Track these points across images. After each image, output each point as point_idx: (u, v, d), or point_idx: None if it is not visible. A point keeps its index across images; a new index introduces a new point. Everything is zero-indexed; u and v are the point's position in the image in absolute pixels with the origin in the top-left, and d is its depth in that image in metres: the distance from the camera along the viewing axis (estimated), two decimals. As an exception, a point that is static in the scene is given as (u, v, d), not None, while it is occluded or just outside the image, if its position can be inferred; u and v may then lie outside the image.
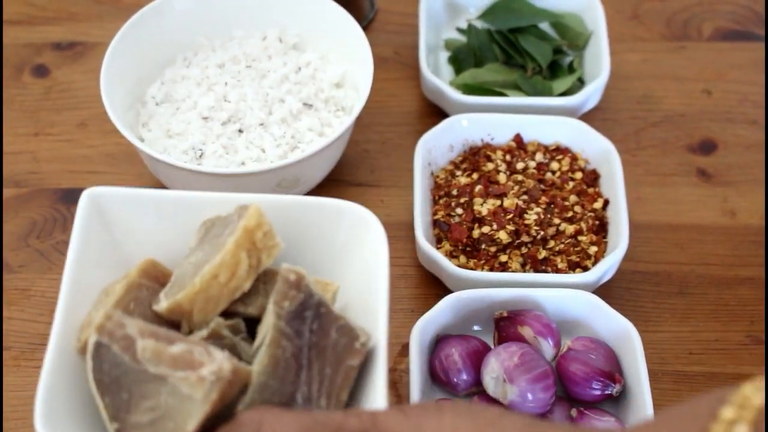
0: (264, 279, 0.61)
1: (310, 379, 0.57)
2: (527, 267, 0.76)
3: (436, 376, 0.72)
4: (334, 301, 0.63)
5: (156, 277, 0.62)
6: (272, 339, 0.56)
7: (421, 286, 0.80)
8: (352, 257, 0.63)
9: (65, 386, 0.57)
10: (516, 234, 0.76)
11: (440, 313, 0.72)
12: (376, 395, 0.56)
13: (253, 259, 0.59)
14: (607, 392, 0.70)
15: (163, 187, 0.83)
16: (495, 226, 0.76)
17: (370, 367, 0.59)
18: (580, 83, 0.89)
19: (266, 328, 0.57)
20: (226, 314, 0.60)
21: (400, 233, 0.82)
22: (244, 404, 0.55)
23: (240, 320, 0.60)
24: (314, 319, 0.57)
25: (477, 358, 0.71)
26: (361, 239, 0.63)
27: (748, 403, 0.44)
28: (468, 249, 0.77)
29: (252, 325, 0.60)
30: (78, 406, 0.57)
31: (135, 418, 0.55)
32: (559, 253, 0.76)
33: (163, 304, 0.59)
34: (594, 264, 0.76)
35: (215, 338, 0.58)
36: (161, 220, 0.64)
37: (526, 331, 0.71)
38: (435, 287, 0.78)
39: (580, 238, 0.77)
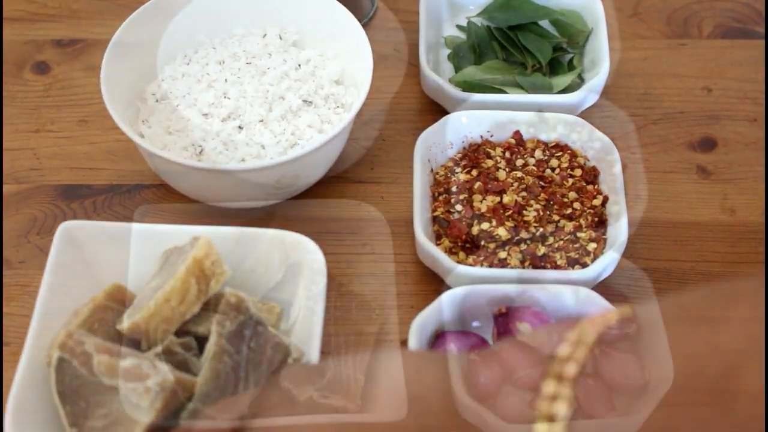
0: (214, 302, 0.67)
1: (247, 390, 0.63)
2: (526, 263, 0.76)
3: (435, 373, 0.72)
4: (280, 321, 0.69)
5: (121, 300, 0.69)
6: (214, 354, 0.63)
7: (420, 282, 0.80)
8: (295, 281, 0.70)
9: (34, 397, 0.63)
10: (515, 230, 0.76)
11: (439, 309, 0.72)
12: None
13: (202, 285, 0.66)
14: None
15: (163, 182, 0.83)
16: (494, 223, 0.76)
17: None
18: (580, 80, 0.89)
19: (210, 345, 0.64)
20: (180, 333, 0.66)
21: (399, 230, 0.82)
22: (189, 411, 0.62)
23: (191, 338, 0.67)
24: (252, 338, 0.64)
25: (476, 354, 0.71)
26: (302, 265, 0.69)
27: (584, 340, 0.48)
28: (467, 245, 0.77)
29: (202, 342, 0.66)
30: (45, 414, 0.63)
31: (91, 423, 0.62)
32: (559, 249, 0.76)
33: (124, 324, 0.66)
34: (593, 261, 0.76)
35: (169, 354, 0.64)
36: (127, 249, 0.71)
37: (525, 328, 0.71)
38: (434, 283, 0.78)
39: (579, 234, 0.77)
